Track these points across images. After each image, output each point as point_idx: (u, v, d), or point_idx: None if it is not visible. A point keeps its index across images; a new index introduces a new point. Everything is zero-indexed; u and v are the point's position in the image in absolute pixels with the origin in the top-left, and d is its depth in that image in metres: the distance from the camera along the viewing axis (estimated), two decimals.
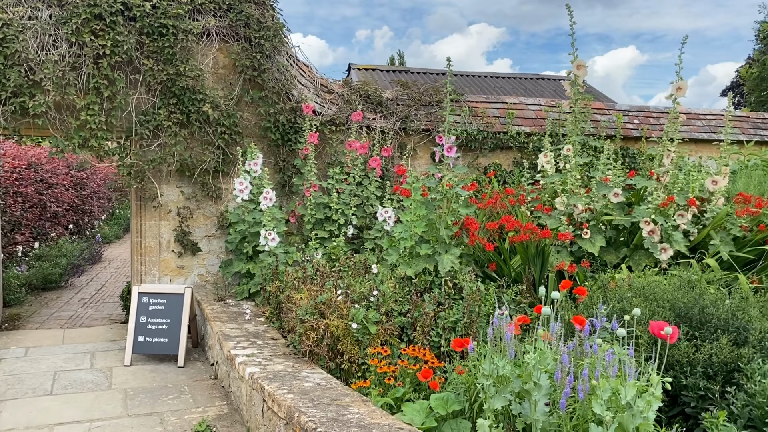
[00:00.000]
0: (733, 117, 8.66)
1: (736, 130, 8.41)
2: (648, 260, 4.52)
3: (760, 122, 8.70)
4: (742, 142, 7.81)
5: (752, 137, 8.39)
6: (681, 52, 4.49)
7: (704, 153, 8.15)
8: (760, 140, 8.37)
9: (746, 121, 8.64)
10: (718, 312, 3.32)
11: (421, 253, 4.40)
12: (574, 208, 4.63)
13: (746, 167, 7.21)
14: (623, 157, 7.64)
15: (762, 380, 2.89)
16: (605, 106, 7.99)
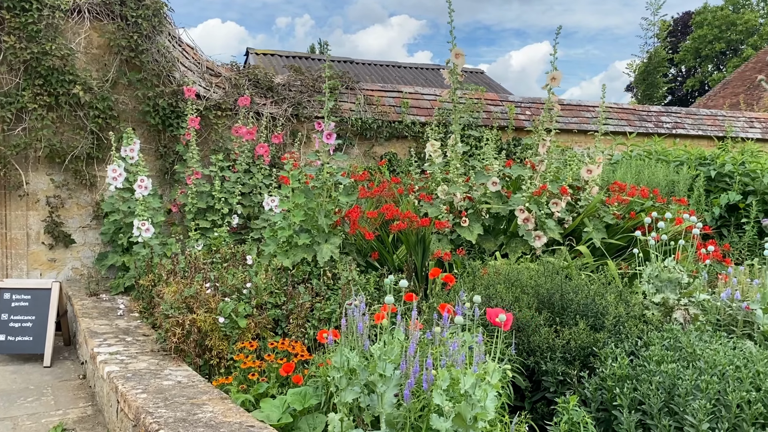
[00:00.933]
0: (620, 109, 9.03)
1: (623, 122, 8.77)
2: (524, 247, 4.59)
3: (645, 115, 9.11)
4: (627, 134, 8.15)
5: (638, 129, 8.77)
6: (555, 43, 4.57)
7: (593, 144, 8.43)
8: (645, 132, 8.76)
9: (632, 113, 9.03)
10: (578, 297, 3.39)
11: (299, 243, 4.27)
12: (454, 196, 4.63)
13: (630, 157, 7.52)
14: (515, 148, 7.79)
15: (612, 364, 2.96)
16: (499, 98, 8.11)
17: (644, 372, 2.91)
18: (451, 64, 4.58)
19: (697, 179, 6.38)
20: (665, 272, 3.41)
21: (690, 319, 3.40)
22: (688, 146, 8.08)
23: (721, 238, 6.40)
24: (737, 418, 2.59)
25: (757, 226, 6.14)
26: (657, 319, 3.40)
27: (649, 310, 3.42)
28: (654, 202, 4.99)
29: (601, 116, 5.17)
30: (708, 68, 38.59)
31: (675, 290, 3.45)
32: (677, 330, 3.10)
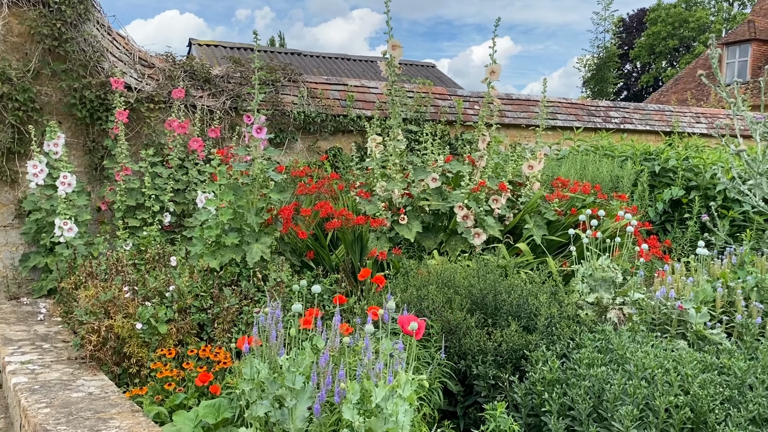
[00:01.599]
0: (569, 104, 9.02)
1: (571, 117, 8.76)
2: (464, 245, 4.47)
3: (594, 110, 9.13)
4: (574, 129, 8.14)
5: (586, 124, 8.78)
6: (494, 35, 4.45)
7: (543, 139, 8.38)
8: (593, 127, 8.78)
9: (581, 108, 9.04)
10: (510, 298, 3.28)
11: (227, 243, 4.06)
12: (392, 193, 4.48)
13: (577, 153, 7.50)
14: (466, 143, 7.69)
15: (542, 368, 2.85)
16: (447, 92, 8.00)
17: (574, 376, 2.81)
18: (388, 56, 4.42)
19: (641, 174, 6.38)
20: (599, 271, 3.33)
21: (624, 318, 3.32)
22: (636, 141, 8.12)
23: (665, 233, 6.42)
24: (665, 423, 2.51)
25: (699, 221, 6.17)
26: (591, 320, 3.31)
27: (584, 309, 3.33)
28: (595, 198, 4.93)
29: (542, 111, 5.09)
30: (662, 64, 39.45)
31: (609, 289, 3.37)
32: (609, 331, 3.01)
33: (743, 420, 2.45)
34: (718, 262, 4.17)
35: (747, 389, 2.62)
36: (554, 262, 4.29)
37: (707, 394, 2.49)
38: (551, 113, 8.60)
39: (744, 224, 6.00)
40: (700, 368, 2.72)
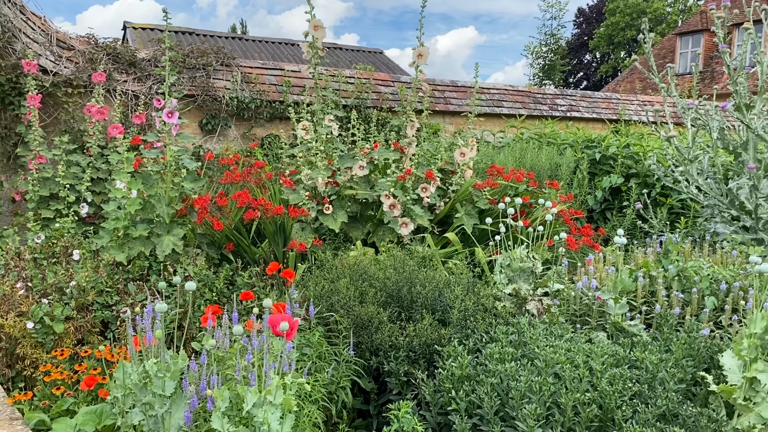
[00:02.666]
0: (515, 92, 8.94)
1: (518, 105, 8.68)
2: (392, 235, 4.31)
3: (540, 97, 9.07)
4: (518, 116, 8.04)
5: (532, 111, 8.70)
6: (422, 17, 4.28)
7: (489, 127, 8.31)
8: (539, 114, 8.71)
9: (527, 95, 8.96)
10: (425, 290, 3.13)
11: (135, 235, 3.81)
12: (317, 182, 4.28)
13: (521, 140, 7.41)
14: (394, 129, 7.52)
15: (452, 363, 2.71)
16: (390, 78, 7.82)
17: (483, 372, 2.67)
18: (309, 37, 4.21)
19: (581, 162, 6.31)
20: (516, 261, 3.20)
21: (543, 310, 3.21)
22: (583, 129, 8.08)
23: (605, 221, 6.37)
24: (572, 422, 2.39)
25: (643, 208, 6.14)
26: (509, 312, 3.18)
27: (502, 301, 3.20)
28: (528, 186, 4.82)
29: (473, 97, 4.95)
30: (621, 54, 39.95)
31: (528, 280, 3.24)
32: (523, 324, 2.88)
33: (651, 416, 2.34)
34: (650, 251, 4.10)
35: (658, 384, 2.52)
36: (483, 253, 4.17)
37: (615, 390, 2.38)
38: (497, 101, 8.50)
39: (682, 212, 5.99)
40: (612, 362, 2.61)
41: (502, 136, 7.84)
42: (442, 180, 4.75)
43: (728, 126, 4.50)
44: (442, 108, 7.89)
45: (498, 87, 8.78)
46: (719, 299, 3.16)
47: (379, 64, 14.01)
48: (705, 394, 2.56)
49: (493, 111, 8.31)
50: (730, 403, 2.51)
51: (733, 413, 2.51)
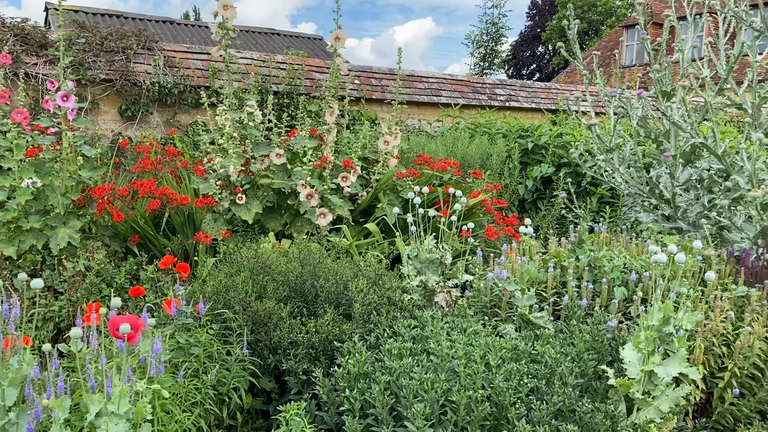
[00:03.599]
0: (454, 81, 8.85)
1: (456, 94, 8.60)
2: (310, 227, 4.15)
3: (480, 87, 9.01)
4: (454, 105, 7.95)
5: (471, 101, 8.64)
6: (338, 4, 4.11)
7: (427, 116, 8.20)
8: (478, 104, 8.66)
9: (466, 85, 8.88)
10: (329, 284, 2.98)
11: (26, 227, 3.55)
12: (229, 170, 4.08)
13: (457, 129, 7.32)
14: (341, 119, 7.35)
15: (348, 360, 2.56)
16: (324, 64, 7.62)
17: (381, 369, 2.54)
18: (219, 17, 3.99)
19: (512, 151, 6.26)
20: (424, 252, 3.08)
21: (452, 302, 3.10)
22: (521, 119, 8.05)
23: (537, 211, 6.35)
24: (465, 421, 2.28)
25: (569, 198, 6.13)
26: (417, 305, 3.06)
27: (411, 294, 3.08)
28: (452, 176, 4.72)
29: (397, 83, 4.81)
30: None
31: (437, 271, 3.13)
32: (427, 318, 2.77)
33: (546, 414, 2.25)
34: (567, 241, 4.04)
35: (557, 379, 2.43)
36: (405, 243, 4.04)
37: (509, 386, 2.28)
38: (435, 90, 8.40)
39: (612, 201, 6.00)
40: (511, 357, 2.51)
41: (438, 125, 7.74)
42: (365, 169, 4.61)
43: (653, 115, 4.48)
44: (379, 96, 7.74)
45: (436, 76, 8.68)
46: (630, 290, 3.11)
47: (318, 51, 13.74)
48: (605, 389, 2.48)
49: (431, 100, 8.20)
50: (631, 397, 2.45)
51: (633, 407, 2.45)
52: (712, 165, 3.89)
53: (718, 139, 3.73)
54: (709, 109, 3.71)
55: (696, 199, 4.02)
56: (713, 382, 2.93)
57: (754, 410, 2.92)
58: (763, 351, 2.89)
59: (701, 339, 2.83)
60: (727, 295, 3.07)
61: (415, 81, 8.30)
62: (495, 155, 5.97)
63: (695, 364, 2.81)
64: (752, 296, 3.00)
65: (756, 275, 3.37)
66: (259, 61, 6.96)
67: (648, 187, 4.14)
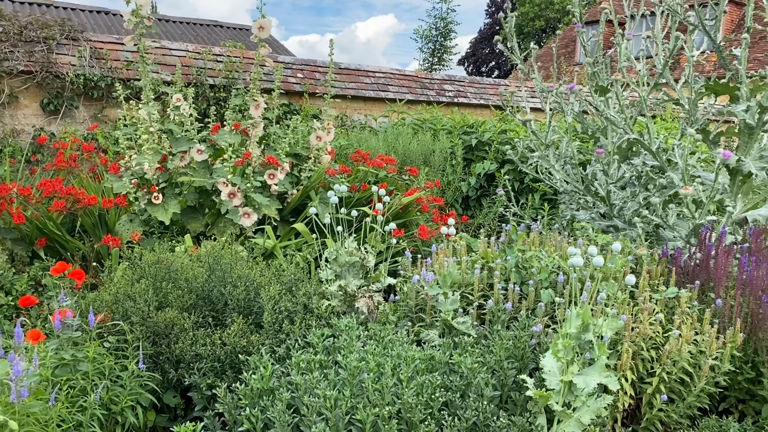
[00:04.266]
0: (402, 76, 8.69)
1: (404, 89, 8.43)
2: (234, 228, 3.92)
3: (428, 82, 8.86)
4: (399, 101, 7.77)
5: (419, 96, 8.49)
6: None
7: (374, 111, 8.02)
8: (426, 100, 8.51)
9: (414, 80, 8.73)
10: (238, 291, 2.76)
11: None
12: (144, 167, 3.82)
13: (404, 125, 7.16)
14: (286, 114, 7.11)
15: (252, 375, 2.36)
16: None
17: (287, 384, 2.35)
18: (133, 4, 3.72)
19: (455, 148, 6.12)
20: (343, 255, 2.89)
21: (374, 308, 2.92)
22: (470, 115, 7.93)
23: (481, 208, 6.23)
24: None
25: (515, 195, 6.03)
26: (335, 312, 2.87)
27: (331, 300, 2.88)
28: (387, 173, 4.55)
29: (329, 77, 4.60)
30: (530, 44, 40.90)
31: (359, 275, 2.94)
32: (342, 326, 2.58)
33: (458, 430, 2.09)
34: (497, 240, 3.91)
35: (473, 391, 2.28)
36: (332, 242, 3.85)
37: (419, 401, 2.11)
38: (383, 85, 8.22)
39: (554, 198, 5.92)
40: (425, 368, 2.34)
41: (385, 120, 7.57)
42: (297, 166, 4.40)
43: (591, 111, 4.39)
44: (323, 91, 7.51)
45: (383, 71, 8.50)
46: (558, 292, 2.98)
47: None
48: (525, 400, 2.34)
49: (377, 95, 8.02)
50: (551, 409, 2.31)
51: (555, 419, 2.31)
52: (647, 161, 3.80)
53: (652, 135, 3.64)
54: (643, 104, 3.61)
55: (632, 196, 3.93)
56: (642, 387, 2.82)
57: (683, 416, 2.83)
58: (693, 355, 2.80)
59: (628, 343, 2.72)
60: (656, 297, 2.97)
61: (361, 75, 8.10)
62: (437, 152, 5.82)
63: (623, 370, 2.69)
64: (682, 297, 2.90)
65: (689, 275, 3.29)
66: (194, 53, 6.65)
67: (584, 184, 4.03)
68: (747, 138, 3.88)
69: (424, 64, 33.07)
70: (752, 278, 2.98)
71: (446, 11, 32.68)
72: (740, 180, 3.92)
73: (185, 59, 6.58)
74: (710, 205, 3.70)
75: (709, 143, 4.16)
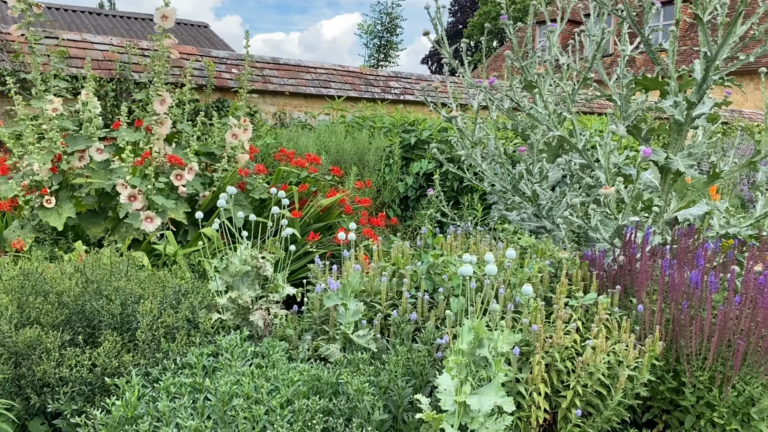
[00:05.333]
0: (345, 72, 8.44)
1: (347, 86, 8.18)
2: (137, 233, 3.62)
3: (373, 79, 8.64)
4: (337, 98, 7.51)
5: (363, 94, 8.25)
6: None
7: (314, 109, 7.76)
8: (371, 97, 8.28)
9: (358, 77, 8.49)
10: (112, 306, 2.49)
11: None
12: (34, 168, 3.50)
13: (344, 123, 6.91)
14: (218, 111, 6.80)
15: (116, 401, 2.09)
16: (198, 51, 7.03)
17: (155, 411, 2.08)
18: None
19: (393, 146, 5.90)
20: (233, 264, 2.63)
21: (270, 321, 2.67)
22: (416, 112, 7.72)
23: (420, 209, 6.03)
24: None
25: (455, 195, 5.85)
26: (227, 326, 2.62)
27: (222, 314, 2.63)
28: (309, 173, 4.30)
29: (246, 70, 4.34)
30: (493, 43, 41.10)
31: (254, 285, 2.69)
32: (224, 343, 2.33)
33: None
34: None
35: (357, 416, 2.05)
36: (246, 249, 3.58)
37: (292, 431, 1.87)
38: (324, 81, 7.96)
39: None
40: (310, 390, 2.11)
41: (325, 118, 7.31)
42: (209, 166, 4.12)
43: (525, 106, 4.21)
44: (261, 87, 7.23)
45: (325, 66, 8.24)
46: (469, 300, 2.77)
47: (201, 39, 13.00)
48: (417, 423, 2.12)
49: (319, 92, 7.76)
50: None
51: None
52: (575, 160, 3.64)
53: (578, 132, 3.48)
54: (568, 99, 3.45)
55: (562, 196, 3.77)
56: (558, 401, 2.64)
57: (602, 430, 2.66)
58: (611, 365, 2.63)
59: (541, 354, 2.53)
60: (572, 303, 2.79)
61: (301, 71, 7.82)
62: (373, 150, 5.60)
63: (534, 383, 2.50)
64: (600, 303, 2.73)
65: (613, 279, 3.13)
66: (119, 47, 6.30)
67: (512, 184, 3.85)
68: (676, 135, 3.76)
69: (369, 60, 31.92)
70: (674, 282, 2.82)
71: (391, 6, 31.69)
72: (671, 178, 3.79)
73: (108, 53, 6.22)
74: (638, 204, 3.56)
75: (641, 140, 4.03)
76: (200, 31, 13.75)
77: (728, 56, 3.44)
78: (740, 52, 3.31)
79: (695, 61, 3.48)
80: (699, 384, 2.72)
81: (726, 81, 3.44)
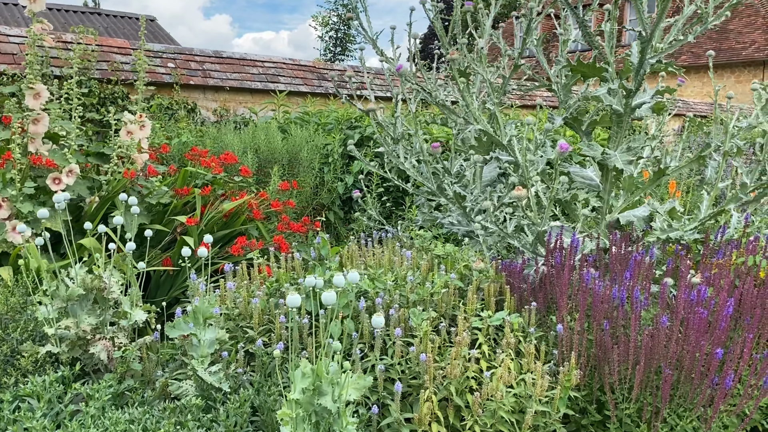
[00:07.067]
0: (296, 66, 8.00)
1: (298, 81, 7.75)
2: (6, 245, 3.18)
3: (327, 73, 8.21)
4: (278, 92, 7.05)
5: (316, 89, 7.82)
6: None
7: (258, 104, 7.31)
8: (325, 92, 7.85)
9: (311, 71, 8.06)
10: None
11: None
12: None
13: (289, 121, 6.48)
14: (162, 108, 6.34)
15: None
16: (129, 45, 6.57)
17: None
18: None
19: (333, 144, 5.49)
20: (66, 287, 2.20)
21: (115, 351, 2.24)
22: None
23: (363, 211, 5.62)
24: None
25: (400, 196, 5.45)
26: (60, 360, 2.19)
27: (54, 346, 2.20)
28: (215, 175, 3.87)
29: (141, 59, 3.91)
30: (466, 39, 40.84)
31: (95, 311, 2.26)
32: (28, 389, 1.90)
33: None
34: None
35: None
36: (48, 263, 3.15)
37: None
38: (272, 75, 7.52)
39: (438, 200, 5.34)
40: None
41: (271, 114, 6.88)
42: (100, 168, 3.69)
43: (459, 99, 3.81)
44: (200, 82, 6.78)
45: (275, 60, 7.80)
46: (359, 323, 2.36)
47: (148, 33, 12.52)
48: None
49: (266, 87, 7.32)
50: None
51: None
52: (501, 156, 3.23)
53: (502, 126, 3.07)
54: (488, 86, 3.04)
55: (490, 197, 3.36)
56: None
57: None
58: (518, 399, 2.22)
59: (432, 389, 2.13)
60: (477, 325, 2.39)
61: (247, 65, 7.38)
62: (307, 149, 5.17)
63: (423, 425, 2.10)
64: (507, 324, 2.32)
65: (535, 292, 2.72)
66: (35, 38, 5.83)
67: (437, 184, 3.45)
68: (617, 127, 3.36)
69: (325, 53, 29.86)
70: (597, 298, 2.42)
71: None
72: (613, 176, 3.39)
73: (25, 47, 5.74)
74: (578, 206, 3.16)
75: (582, 134, 3.64)
76: (147, 24, 13.20)
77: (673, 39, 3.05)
78: (679, 33, 2.92)
79: (632, 43, 3.09)
80: (625, 418, 2.32)
81: (667, 65, 3.04)
